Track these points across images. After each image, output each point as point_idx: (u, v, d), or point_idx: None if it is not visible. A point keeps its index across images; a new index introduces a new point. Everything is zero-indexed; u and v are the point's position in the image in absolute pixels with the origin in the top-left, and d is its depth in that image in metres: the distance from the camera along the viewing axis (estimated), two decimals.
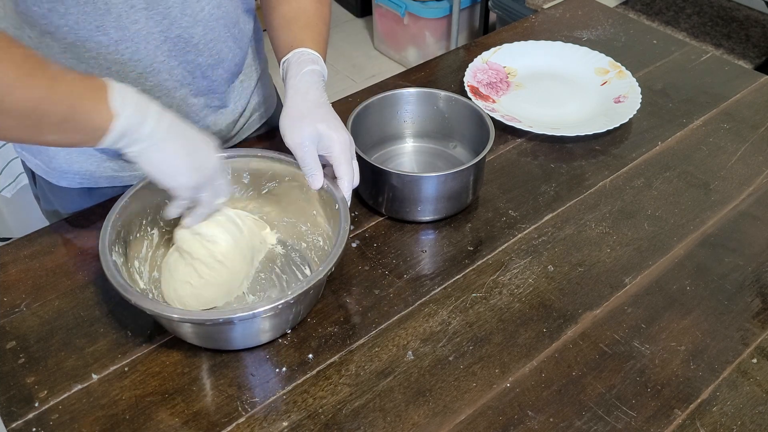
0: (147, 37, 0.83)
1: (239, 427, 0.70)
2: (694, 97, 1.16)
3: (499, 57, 1.22)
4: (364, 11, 3.18)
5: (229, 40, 0.92)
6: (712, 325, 0.81)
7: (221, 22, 0.89)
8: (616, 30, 1.34)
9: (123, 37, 0.81)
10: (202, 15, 0.86)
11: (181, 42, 0.86)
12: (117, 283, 0.71)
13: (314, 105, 0.82)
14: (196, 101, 0.93)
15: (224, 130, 1.00)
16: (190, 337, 0.76)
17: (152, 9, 0.81)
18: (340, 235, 0.76)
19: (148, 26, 0.82)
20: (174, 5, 0.82)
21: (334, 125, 0.81)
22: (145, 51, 0.84)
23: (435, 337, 0.79)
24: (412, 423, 0.71)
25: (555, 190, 0.99)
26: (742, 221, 0.94)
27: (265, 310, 0.69)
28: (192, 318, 0.72)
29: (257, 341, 0.77)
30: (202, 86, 0.93)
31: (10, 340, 0.78)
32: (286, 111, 0.82)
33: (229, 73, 0.96)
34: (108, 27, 0.79)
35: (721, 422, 0.71)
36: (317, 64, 0.86)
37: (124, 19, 0.80)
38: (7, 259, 0.87)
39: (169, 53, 0.86)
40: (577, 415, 0.72)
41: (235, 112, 1.01)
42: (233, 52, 0.94)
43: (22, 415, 0.71)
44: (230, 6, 0.90)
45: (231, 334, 0.74)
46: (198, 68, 0.90)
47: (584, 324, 0.81)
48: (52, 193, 0.99)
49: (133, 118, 0.68)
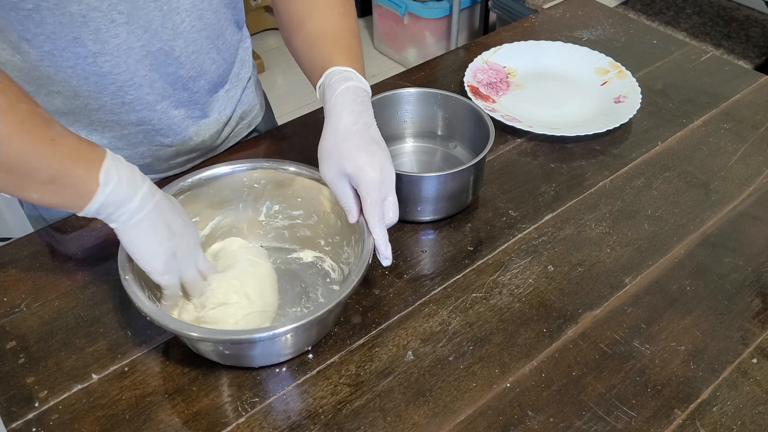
0: (128, 52, 0.81)
1: (239, 427, 0.70)
2: (694, 97, 1.16)
3: (499, 57, 1.22)
4: (364, 11, 3.18)
5: (213, 51, 0.90)
6: (712, 325, 0.81)
7: (203, 34, 0.87)
8: (616, 30, 1.34)
9: (102, 50, 0.79)
10: (182, 27, 0.83)
11: (162, 55, 0.84)
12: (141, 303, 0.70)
13: (344, 137, 0.75)
14: (177, 113, 0.91)
15: (208, 140, 0.99)
16: (210, 355, 0.75)
17: (133, 23, 0.79)
18: (360, 265, 0.74)
19: (129, 41, 0.80)
20: (154, 18, 0.80)
21: (363, 164, 0.74)
22: (125, 65, 0.82)
23: (435, 337, 0.79)
24: (412, 423, 0.71)
25: (555, 190, 0.99)
26: (742, 221, 0.94)
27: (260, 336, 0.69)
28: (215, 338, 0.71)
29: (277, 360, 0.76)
30: (183, 98, 0.91)
31: (10, 340, 0.78)
32: (321, 142, 0.78)
33: (212, 84, 0.94)
34: (85, 39, 0.78)
35: (721, 422, 0.71)
36: (352, 80, 0.78)
37: (104, 32, 0.78)
38: (7, 259, 0.87)
39: (150, 67, 0.84)
40: (577, 415, 0.72)
41: (219, 121, 0.99)
42: (216, 63, 0.92)
43: (22, 415, 0.71)
44: (213, 18, 0.87)
45: (251, 352, 0.74)
46: (179, 80, 0.88)
47: (584, 324, 0.81)
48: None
49: (117, 192, 0.68)
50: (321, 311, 0.69)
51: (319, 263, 0.87)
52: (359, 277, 0.73)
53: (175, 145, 0.95)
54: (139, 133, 0.91)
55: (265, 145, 1.06)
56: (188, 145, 0.96)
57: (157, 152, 0.95)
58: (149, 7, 0.79)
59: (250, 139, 1.09)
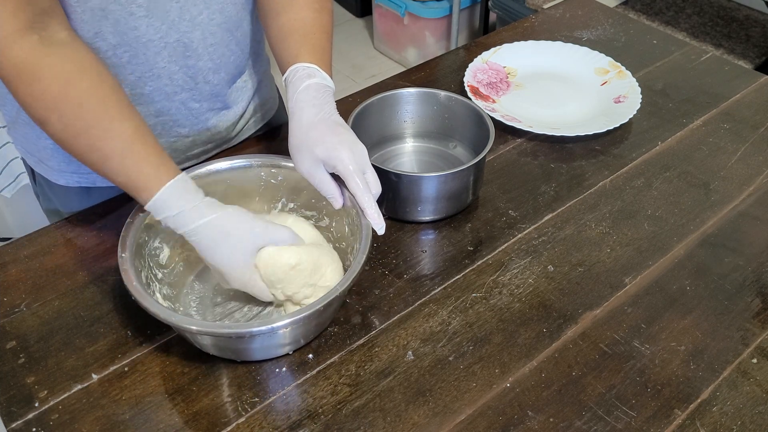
0: (147, 44, 0.82)
1: (239, 427, 0.70)
2: (694, 97, 1.16)
3: (499, 57, 1.22)
4: (364, 11, 3.18)
5: (232, 43, 0.91)
6: (712, 325, 0.81)
7: (223, 26, 0.88)
8: (616, 30, 1.34)
9: (121, 41, 0.80)
10: (200, 19, 0.85)
11: (180, 47, 0.85)
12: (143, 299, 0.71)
13: (309, 127, 0.78)
14: (198, 105, 0.93)
15: (224, 132, 1.00)
16: (209, 348, 0.75)
17: (152, 15, 0.80)
18: (357, 257, 0.75)
19: (148, 33, 0.81)
20: (172, 9, 0.81)
21: (333, 144, 0.77)
22: (144, 57, 0.83)
23: (435, 337, 0.79)
24: (412, 423, 0.71)
25: (555, 190, 0.99)
26: (742, 221, 0.94)
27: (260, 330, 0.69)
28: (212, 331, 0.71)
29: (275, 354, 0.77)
30: (205, 91, 0.92)
31: (10, 340, 0.78)
32: (290, 139, 0.80)
33: (231, 75, 0.95)
34: (106, 33, 0.79)
35: (721, 422, 0.71)
36: (314, 77, 0.81)
37: (123, 24, 0.79)
38: (7, 259, 0.87)
39: (169, 59, 0.85)
40: (577, 415, 0.72)
41: (236, 113, 1.00)
42: (235, 54, 0.93)
43: (22, 415, 0.71)
44: (232, 10, 0.88)
45: (249, 346, 0.74)
46: (199, 73, 0.89)
47: (584, 324, 0.81)
48: (52, 191, 0.99)
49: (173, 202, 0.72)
50: (318, 305, 0.70)
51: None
52: (356, 273, 0.73)
53: (192, 136, 0.96)
54: (157, 125, 0.91)
55: (278, 140, 1.06)
56: (205, 135, 0.97)
57: (174, 143, 0.95)
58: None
59: (264, 133, 1.09)
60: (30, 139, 0.94)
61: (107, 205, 0.94)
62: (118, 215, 0.92)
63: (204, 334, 0.71)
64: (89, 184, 0.96)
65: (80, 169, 0.94)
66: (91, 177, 0.95)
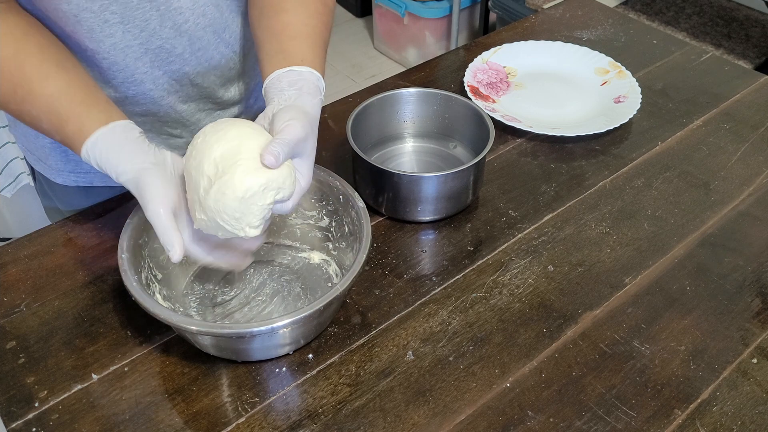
0: (125, 50, 0.80)
1: (239, 427, 0.70)
2: (694, 97, 1.16)
3: (499, 57, 1.22)
4: (364, 11, 3.18)
5: (221, 45, 0.89)
6: (712, 325, 0.81)
7: (209, 30, 0.86)
8: (616, 30, 1.34)
9: (98, 48, 0.79)
10: (186, 27, 0.83)
11: (163, 53, 0.83)
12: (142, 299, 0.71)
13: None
14: (186, 107, 0.91)
15: None
16: (208, 348, 0.75)
17: (128, 23, 0.78)
18: (357, 260, 0.75)
19: (125, 39, 0.79)
20: (152, 18, 0.79)
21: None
22: (123, 63, 0.81)
23: (435, 337, 0.79)
24: (412, 423, 0.71)
25: (555, 190, 0.99)
26: (742, 221, 0.94)
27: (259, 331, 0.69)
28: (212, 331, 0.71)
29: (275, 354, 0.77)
30: (192, 93, 0.90)
31: (10, 340, 0.78)
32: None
33: (224, 77, 0.93)
34: (80, 38, 0.77)
35: (721, 422, 0.71)
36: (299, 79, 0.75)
37: (98, 32, 0.77)
38: (7, 259, 0.87)
39: (151, 64, 0.84)
40: (577, 415, 0.72)
41: (232, 113, 0.99)
42: (226, 57, 0.91)
43: (22, 415, 0.71)
44: (215, 12, 0.86)
45: (250, 346, 0.74)
46: (185, 77, 0.88)
47: (584, 324, 0.81)
48: (51, 190, 0.99)
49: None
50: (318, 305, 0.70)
51: (325, 266, 0.87)
52: (356, 273, 0.73)
53: (185, 137, 0.95)
54: (146, 123, 0.90)
55: None
56: None
57: (166, 141, 0.94)
58: (144, 7, 0.78)
59: None
60: (29, 137, 0.94)
61: (107, 205, 0.94)
62: (118, 215, 0.92)
63: (204, 335, 0.71)
64: (87, 183, 0.96)
65: (77, 168, 0.94)
66: (89, 176, 0.95)
